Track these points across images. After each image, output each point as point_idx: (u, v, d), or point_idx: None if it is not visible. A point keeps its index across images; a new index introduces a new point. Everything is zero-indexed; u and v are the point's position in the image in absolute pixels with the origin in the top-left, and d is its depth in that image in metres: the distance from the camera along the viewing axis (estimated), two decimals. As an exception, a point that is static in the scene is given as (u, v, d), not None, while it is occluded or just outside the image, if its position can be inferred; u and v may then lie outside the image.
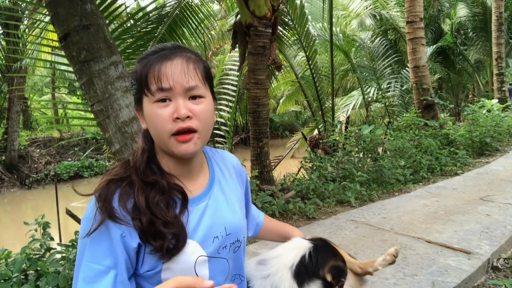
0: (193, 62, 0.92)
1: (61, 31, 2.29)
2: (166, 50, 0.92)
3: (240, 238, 1.03)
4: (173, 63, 0.89)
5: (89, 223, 0.87)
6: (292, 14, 7.06)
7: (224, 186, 1.07)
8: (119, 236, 0.86)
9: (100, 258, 0.86)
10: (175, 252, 0.88)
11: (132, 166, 0.95)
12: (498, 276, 2.44)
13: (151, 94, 0.88)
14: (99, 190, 0.89)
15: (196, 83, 0.90)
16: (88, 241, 0.87)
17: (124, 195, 0.89)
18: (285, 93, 16.21)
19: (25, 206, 11.16)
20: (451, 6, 14.20)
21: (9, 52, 9.95)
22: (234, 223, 1.02)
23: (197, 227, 0.94)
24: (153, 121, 0.90)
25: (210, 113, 0.94)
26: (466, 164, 5.84)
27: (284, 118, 23.02)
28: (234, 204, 1.07)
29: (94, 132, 10.90)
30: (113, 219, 0.85)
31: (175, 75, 0.88)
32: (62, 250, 2.29)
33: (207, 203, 0.99)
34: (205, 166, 1.07)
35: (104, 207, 0.86)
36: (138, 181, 0.91)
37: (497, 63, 11.70)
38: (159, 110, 0.88)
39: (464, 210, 3.53)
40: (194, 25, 5.43)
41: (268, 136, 4.85)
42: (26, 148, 13.32)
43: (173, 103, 0.88)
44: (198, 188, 1.00)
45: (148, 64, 0.90)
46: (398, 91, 9.35)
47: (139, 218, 0.86)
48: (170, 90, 0.87)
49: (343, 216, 3.58)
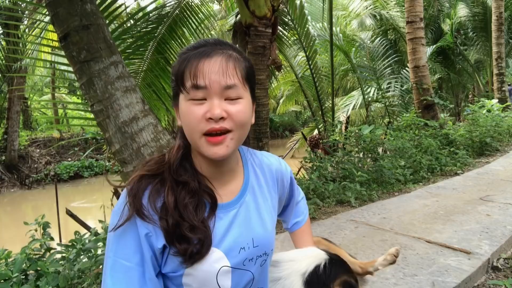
0: (233, 60, 0.88)
1: (61, 31, 2.29)
2: (207, 47, 0.88)
3: (267, 252, 0.99)
4: (211, 61, 0.85)
5: (117, 217, 0.86)
6: (292, 14, 7.06)
7: (257, 195, 1.01)
8: (145, 235, 0.85)
9: (129, 255, 0.85)
10: (198, 259, 0.86)
11: (166, 162, 0.92)
12: (498, 276, 2.44)
13: (186, 92, 0.86)
14: (131, 184, 0.88)
15: (234, 83, 0.86)
16: (116, 235, 0.86)
17: (154, 192, 0.87)
18: (285, 93, 16.20)
19: (25, 206, 11.16)
20: (451, 6, 14.19)
21: (9, 52, 9.96)
22: (262, 235, 0.97)
23: (224, 236, 0.91)
24: (186, 119, 0.87)
25: (247, 115, 0.90)
26: (466, 164, 5.84)
27: (284, 118, 23.03)
28: (265, 215, 1.02)
29: (94, 132, 10.90)
30: (140, 216, 0.84)
31: (212, 73, 0.84)
32: (62, 250, 2.29)
33: (237, 211, 0.95)
34: (240, 170, 1.02)
35: (134, 203, 0.85)
36: (170, 179, 0.89)
37: (497, 63, 11.70)
38: (193, 108, 0.85)
39: (464, 210, 3.53)
40: (194, 25, 5.43)
41: (268, 136, 4.85)
42: (26, 148, 13.33)
43: (208, 102, 0.84)
44: (230, 194, 0.97)
45: (186, 60, 0.87)
46: (398, 91, 9.35)
47: (166, 219, 0.85)
48: (206, 89, 0.84)
49: (343, 216, 3.58)
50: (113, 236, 0.86)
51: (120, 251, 0.85)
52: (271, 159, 1.12)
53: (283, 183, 1.13)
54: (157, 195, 0.87)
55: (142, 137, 2.30)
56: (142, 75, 4.98)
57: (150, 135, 2.33)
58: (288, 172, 1.16)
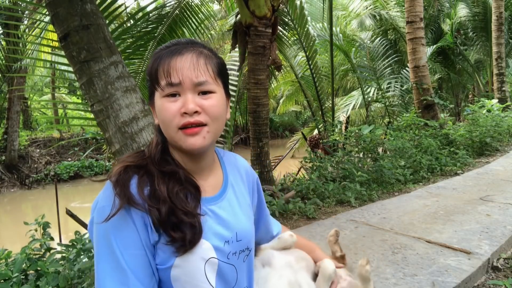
0: (204, 56, 0.91)
1: (61, 31, 2.29)
2: (179, 45, 0.92)
3: (250, 246, 1.01)
4: (183, 58, 0.88)
5: (108, 209, 0.84)
6: (292, 14, 7.06)
7: (236, 191, 1.05)
8: (142, 223, 0.85)
9: (135, 244, 0.85)
10: (191, 246, 0.86)
11: (148, 156, 0.94)
12: (498, 276, 2.44)
13: (161, 89, 0.88)
14: (116, 175, 0.88)
15: (206, 78, 0.89)
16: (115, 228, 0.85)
17: (141, 182, 0.88)
18: (285, 93, 16.21)
19: (25, 206, 11.16)
20: (451, 6, 14.19)
21: (9, 52, 9.96)
22: (245, 230, 1.00)
23: (210, 229, 0.92)
24: (162, 115, 0.89)
25: (221, 109, 0.92)
26: (466, 164, 5.84)
27: (284, 118, 23.03)
28: (246, 210, 1.04)
29: (94, 132, 10.90)
30: (132, 205, 0.84)
31: (184, 69, 0.87)
32: (62, 250, 2.29)
33: (221, 206, 0.98)
34: (218, 167, 1.05)
35: (123, 192, 0.84)
36: (156, 171, 0.90)
37: (497, 63, 11.69)
38: (168, 105, 0.88)
39: (464, 210, 3.53)
40: (194, 25, 5.43)
41: (268, 136, 4.85)
42: (26, 148, 13.33)
43: (182, 98, 0.87)
44: (212, 189, 0.99)
45: (159, 59, 0.90)
46: (398, 91, 9.35)
47: (157, 208, 0.85)
48: (179, 85, 0.87)
49: (343, 216, 3.58)
50: (110, 229, 0.85)
51: (123, 245, 0.84)
52: (242, 160, 1.16)
53: (254, 184, 1.15)
54: (145, 184, 0.88)
55: (142, 137, 2.30)
56: (142, 75, 4.98)
57: (150, 135, 2.33)
58: (255, 174, 1.18)
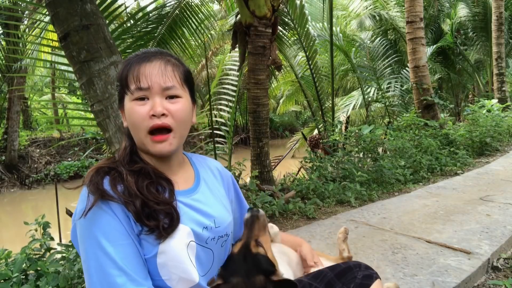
0: (171, 64, 0.98)
1: (61, 31, 2.29)
2: (148, 53, 0.98)
3: (228, 233, 1.07)
4: (152, 64, 0.95)
5: (83, 204, 0.89)
6: (292, 14, 7.05)
7: (210, 185, 1.11)
8: (124, 214, 0.89)
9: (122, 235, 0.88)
10: (170, 231, 0.91)
11: (118, 160, 0.99)
12: (498, 276, 2.44)
13: (130, 93, 0.94)
14: (88, 178, 0.93)
15: (173, 84, 0.95)
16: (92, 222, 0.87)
17: (113, 180, 0.92)
18: (285, 93, 16.20)
19: (25, 206, 11.16)
20: (451, 6, 14.19)
21: (9, 52, 9.95)
22: (223, 217, 1.06)
23: (187, 216, 0.97)
24: (132, 118, 0.95)
25: (186, 113, 0.98)
26: (466, 164, 5.84)
27: (284, 118, 23.03)
28: (222, 200, 1.11)
29: (94, 132, 10.90)
30: (107, 198, 0.88)
31: (153, 75, 0.94)
32: (62, 250, 2.29)
33: (197, 197, 1.03)
34: (188, 166, 1.11)
35: (96, 189, 0.89)
36: (125, 171, 0.95)
37: (497, 63, 11.69)
38: (137, 108, 0.93)
39: (464, 210, 3.53)
40: (194, 25, 5.43)
41: (268, 136, 4.85)
42: (26, 148, 13.32)
43: (150, 101, 0.93)
44: (185, 182, 1.05)
45: (129, 65, 0.96)
46: (398, 91, 9.35)
47: (131, 201, 0.89)
48: (148, 90, 0.93)
49: (343, 216, 3.58)
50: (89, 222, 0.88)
51: (111, 235, 0.87)
52: (213, 160, 1.23)
53: (228, 182, 1.21)
54: (116, 181, 0.92)
55: (142, 137, 2.30)
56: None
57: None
58: (229, 172, 1.25)
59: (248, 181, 4.12)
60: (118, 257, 0.85)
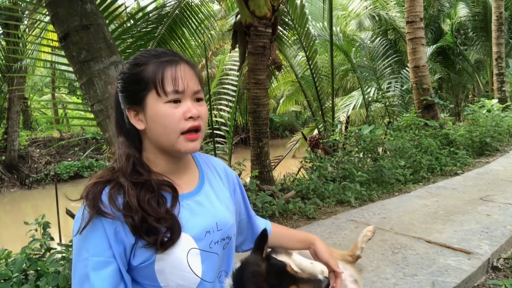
0: (194, 68, 1.00)
1: (61, 31, 2.29)
2: (170, 55, 0.98)
3: (230, 235, 1.07)
4: (181, 68, 0.96)
5: (79, 222, 0.90)
6: (292, 14, 7.05)
7: (214, 185, 1.11)
8: (113, 231, 0.90)
9: (104, 251, 0.89)
10: (170, 245, 0.91)
11: (118, 170, 0.97)
12: (498, 276, 2.44)
13: (165, 95, 0.93)
14: (86, 189, 0.93)
15: (199, 87, 0.99)
16: (85, 238, 0.90)
17: (113, 193, 0.92)
18: (285, 93, 16.21)
19: (25, 206, 11.16)
20: (451, 6, 14.19)
21: (9, 52, 9.95)
22: (225, 220, 1.05)
23: (190, 222, 0.97)
24: (164, 120, 0.94)
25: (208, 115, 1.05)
26: (466, 164, 5.84)
27: (284, 118, 23.02)
28: (226, 202, 1.10)
29: (94, 132, 10.91)
30: (102, 214, 0.89)
31: (187, 79, 0.95)
32: (62, 250, 2.29)
33: (199, 199, 1.03)
34: (193, 164, 1.12)
35: (92, 205, 0.89)
36: (127, 182, 0.94)
37: (497, 63, 11.69)
38: (172, 110, 0.94)
39: (464, 210, 3.53)
40: (194, 25, 5.43)
41: (268, 136, 4.85)
42: (26, 148, 13.32)
43: (183, 104, 0.95)
44: (189, 185, 1.05)
45: (162, 66, 0.95)
46: (398, 91, 9.35)
47: (131, 216, 0.89)
48: (183, 93, 0.95)
49: (343, 216, 3.58)
50: (81, 240, 0.90)
51: (93, 250, 0.89)
52: (218, 160, 1.23)
53: (233, 181, 1.21)
54: (116, 194, 0.92)
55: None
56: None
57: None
58: (234, 173, 1.24)
59: (248, 181, 4.12)
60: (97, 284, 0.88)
